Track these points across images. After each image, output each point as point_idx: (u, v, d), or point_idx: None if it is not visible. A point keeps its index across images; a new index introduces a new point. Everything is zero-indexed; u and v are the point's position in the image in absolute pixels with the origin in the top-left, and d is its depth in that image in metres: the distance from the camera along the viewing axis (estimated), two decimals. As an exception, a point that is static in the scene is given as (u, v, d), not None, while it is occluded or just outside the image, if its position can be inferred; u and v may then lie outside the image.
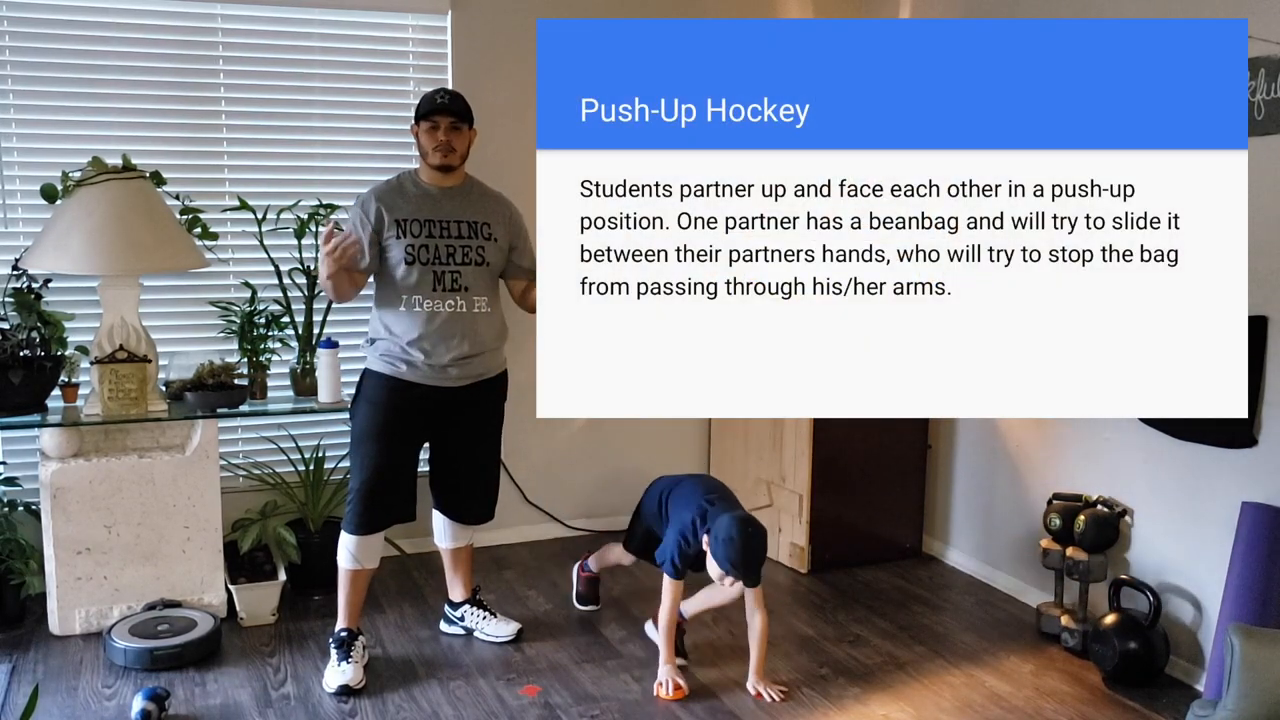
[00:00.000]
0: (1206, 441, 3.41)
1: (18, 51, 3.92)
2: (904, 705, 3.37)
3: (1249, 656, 2.60)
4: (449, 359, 3.42)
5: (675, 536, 3.45)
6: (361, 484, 3.45)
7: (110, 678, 3.44)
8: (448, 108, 3.41)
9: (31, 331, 3.61)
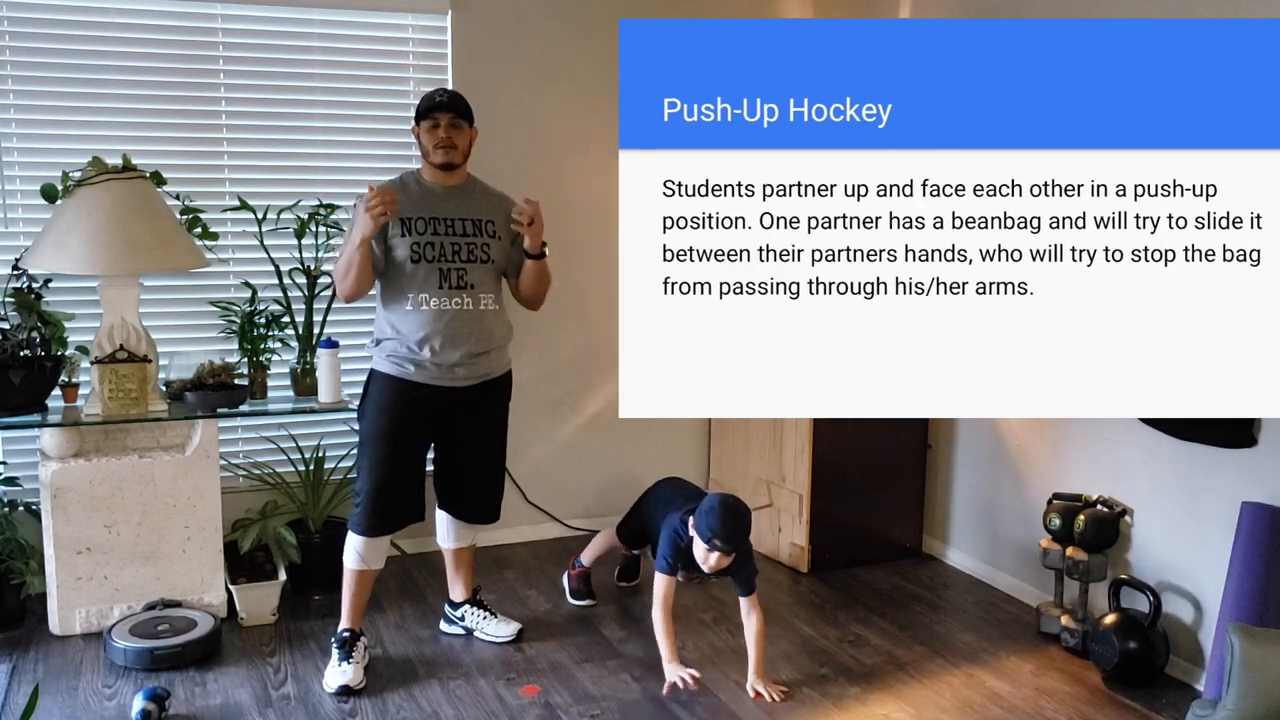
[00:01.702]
0: (1206, 441, 3.41)
1: (18, 51, 3.92)
2: (904, 705, 3.37)
3: (1249, 656, 2.60)
4: (457, 357, 3.42)
5: (668, 531, 3.49)
6: (371, 486, 3.45)
7: (110, 678, 3.44)
8: (448, 105, 3.41)
9: (31, 331, 3.61)
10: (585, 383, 4.80)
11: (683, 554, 3.45)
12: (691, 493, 3.71)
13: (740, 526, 3.34)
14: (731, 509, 3.33)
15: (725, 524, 3.30)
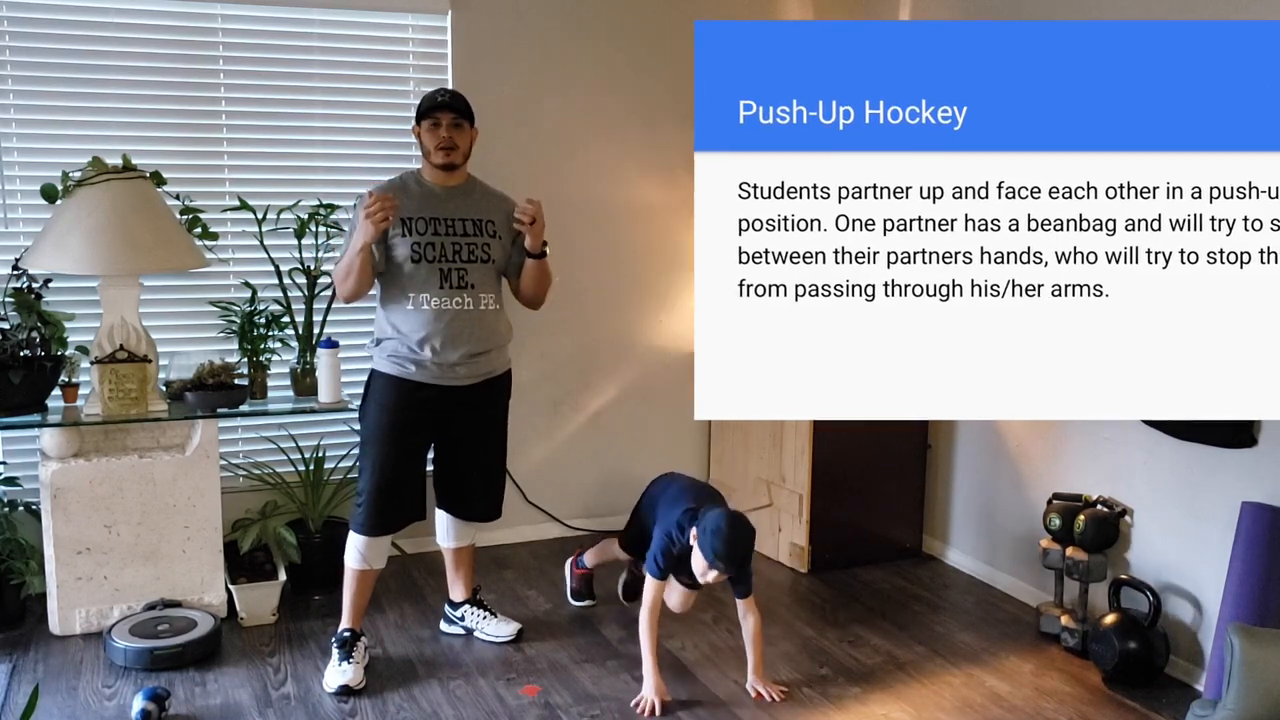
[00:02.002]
0: (1206, 441, 3.41)
1: (18, 51, 3.92)
2: (904, 705, 3.37)
3: (1249, 656, 2.60)
4: (457, 357, 3.42)
5: (662, 535, 3.42)
6: (374, 486, 3.45)
7: (110, 678, 3.44)
8: (449, 105, 3.41)
9: (31, 331, 3.61)
10: (585, 383, 4.80)
11: (677, 559, 3.39)
12: (693, 491, 3.59)
13: (745, 550, 3.27)
14: (738, 531, 3.23)
15: (730, 547, 3.21)
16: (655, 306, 4.87)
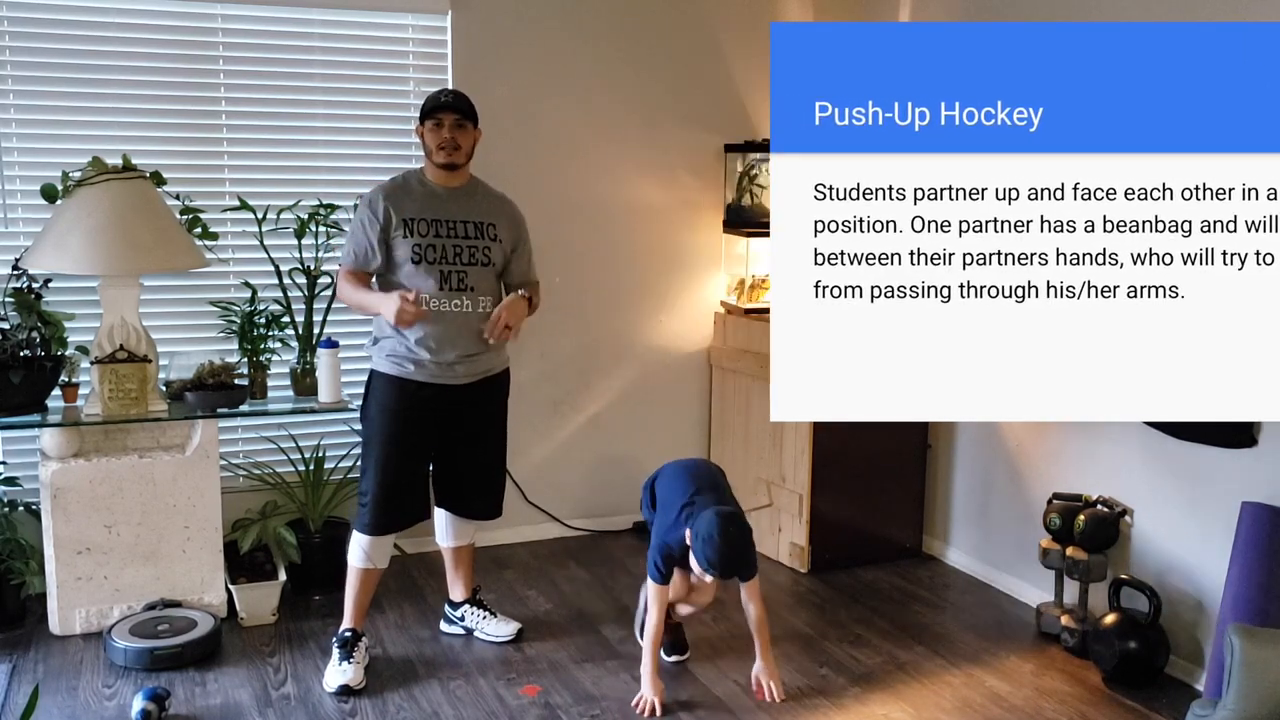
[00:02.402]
0: (1206, 441, 3.41)
1: (18, 51, 3.92)
2: (904, 705, 3.37)
3: (1249, 656, 2.60)
4: (454, 356, 3.43)
5: (659, 538, 3.37)
6: (378, 486, 3.45)
7: (110, 677, 3.44)
8: (452, 106, 3.41)
9: (31, 331, 3.61)
10: (585, 383, 4.80)
11: (675, 560, 3.34)
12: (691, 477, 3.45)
13: (740, 557, 3.21)
14: (730, 538, 3.14)
15: (724, 556, 3.14)
16: (655, 306, 4.87)
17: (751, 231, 4.67)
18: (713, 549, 3.13)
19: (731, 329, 4.80)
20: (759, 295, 4.70)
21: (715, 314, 4.92)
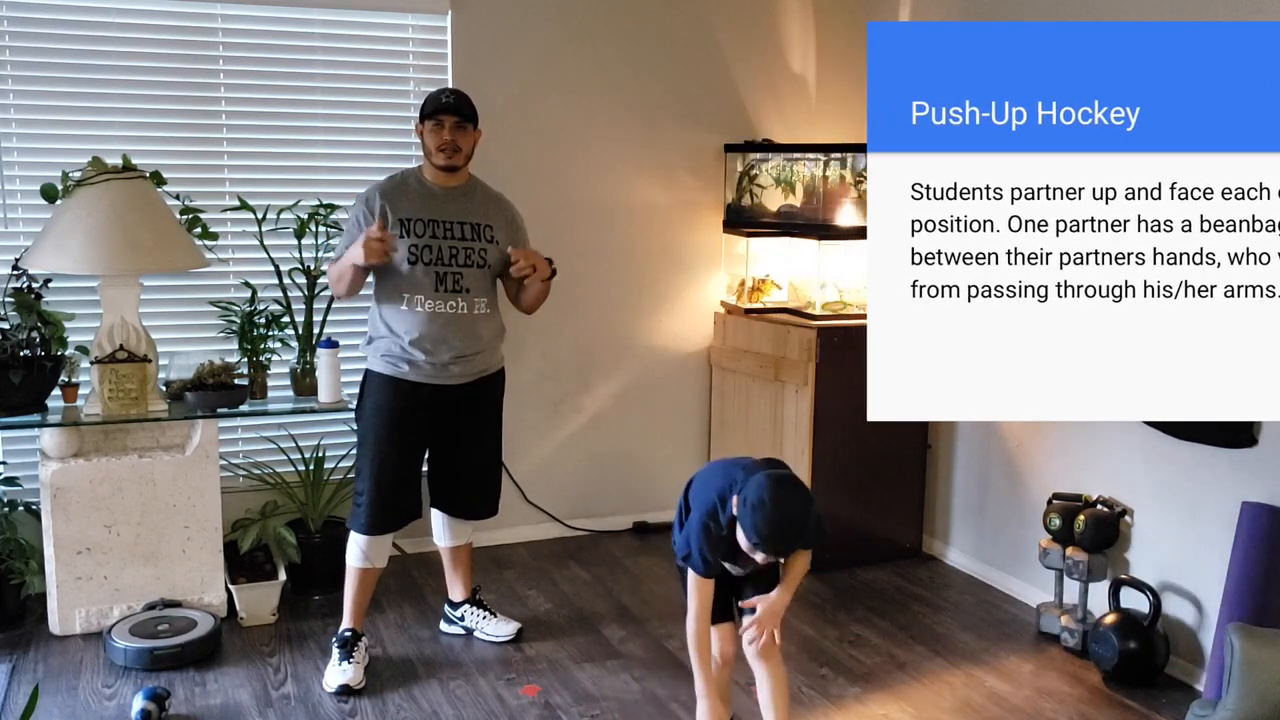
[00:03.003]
0: (1206, 441, 3.41)
1: (18, 51, 3.92)
2: (904, 705, 3.37)
3: (1249, 656, 2.60)
4: (449, 357, 3.43)
5: (701, 518, 2.78)
6: (374, 486, 3.45)
7: (110, 677, 3.44)
8: (453, 107, 3.41)
9: (31, 331, 3.61)
10: (585, 383, 4.80)
11: (724, 544, 2.75)
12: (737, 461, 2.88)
13: (795, 528, 2.67)
14: (785, 503, 2.62)
15: (776, 526, 2.60)
16: (655, 306, 4.87)
17: (751, 231, 4.67)
18: (762, 517, 2.59)
19: (731, 329, 4.80)
20: (759, 297, 4.69)
21: (715, 314, 4.92)
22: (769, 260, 4.73)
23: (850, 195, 4.46)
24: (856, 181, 4.46)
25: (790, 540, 2.69)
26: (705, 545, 2.77)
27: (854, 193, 4.46)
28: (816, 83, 4.98)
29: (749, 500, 2.62)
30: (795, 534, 2.69)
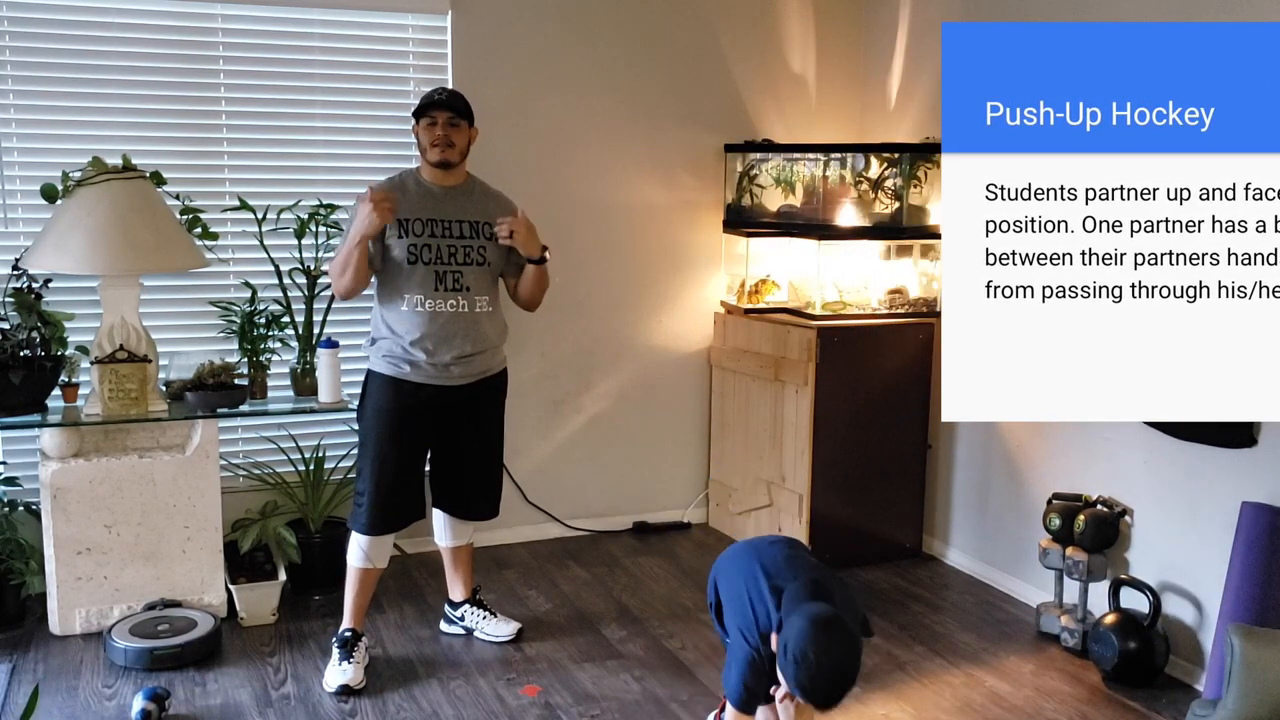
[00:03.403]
0: (1206, 441, 3.41)
1: (18, 51, 3.92)
2: (904, 705, 3.37)
3: (1249, 656, 2.60)
4: (450, 357, 3.43)
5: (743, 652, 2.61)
6: (375, 486, 3.45)
7: (110, 678, 3.44)
8: (445, 103, 3.41)
9: (31, 331, 3.61)
10: (585, 383, 4.80)
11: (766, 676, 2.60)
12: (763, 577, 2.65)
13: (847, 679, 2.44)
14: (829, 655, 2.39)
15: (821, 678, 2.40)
16: (655, 306, 4.87)
17: (751, 231, 4.67)
18: (806, 674, 2.39)
19: (731, 329, 4.80)
20: (758, 299, 4.69)
21: (715, 314, 4.92)
22: (769, 260, 4.73)
23: (850, 195, 4.46)
24: (856, 181, 4.46)
25: (841, 693, 2.45)
26: (751, 677, 2.60)
27: (854, 193, 4.46)
28: (816, 83, 4.98)
29: (793, 652, 2.40)
30: (846, 686, 2.45)
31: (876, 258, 4.53)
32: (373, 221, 3.26)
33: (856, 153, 4.51)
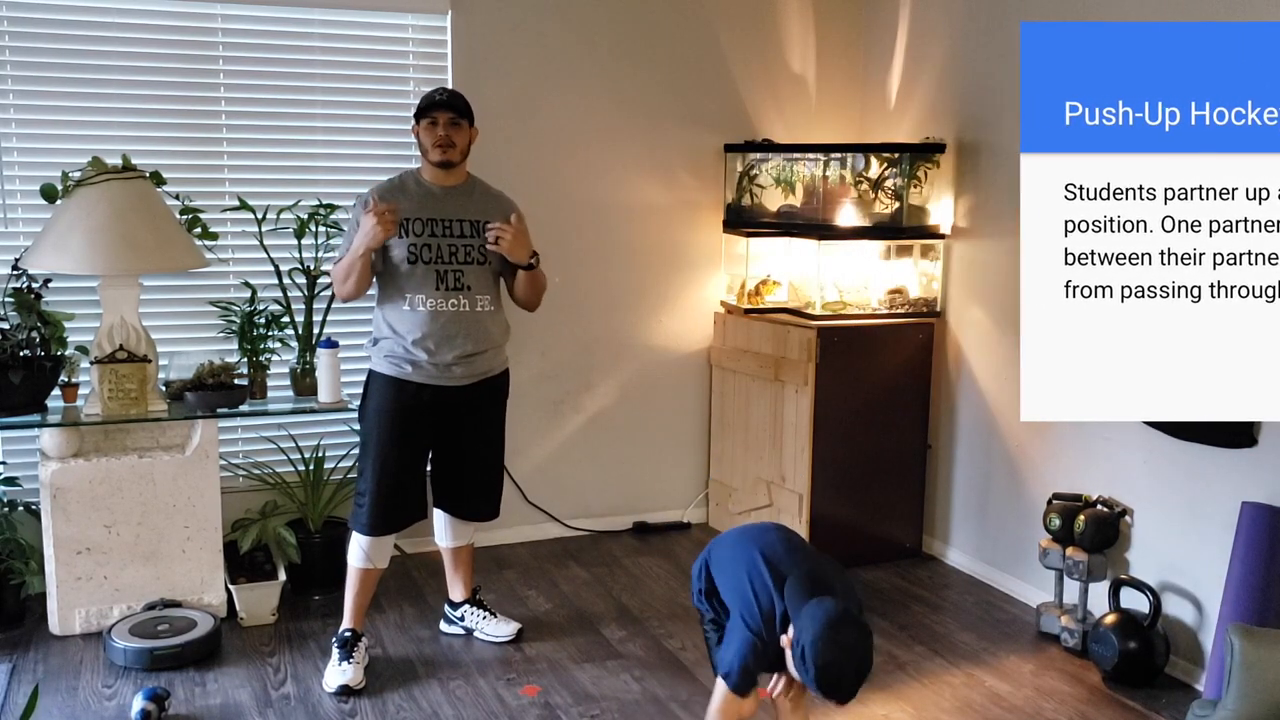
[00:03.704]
0: (1206, 441, 3.41)
1: (18, 51, 3.92)
2: (904, 705, 3.37)
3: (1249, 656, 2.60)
4: (452, 357, 3.43)
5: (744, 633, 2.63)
6: (375, 487, 3.46)
7: (110, 678, 3.44)
8: (446, 104, 3.42)
9: (31, 331, 3.61)
10: (585, 383, 4.80)
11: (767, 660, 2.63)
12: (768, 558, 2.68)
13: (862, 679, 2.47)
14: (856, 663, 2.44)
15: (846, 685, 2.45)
16: (655, 306, 4.87)
17: (751, 231, 4.67)
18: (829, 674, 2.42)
19: (731, 329, 4.80)
20: (758, 300, 4.69)
21: (715, 314, 4.92)
22: (769, 260, 4.73)
23: (850, 195, 4.46)
24: (856, 181, 4.46)
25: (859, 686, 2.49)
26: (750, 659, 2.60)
27: (854, 193, 4.46)
28: (816, 83, 4.98)
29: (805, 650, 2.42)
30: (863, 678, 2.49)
31: (876, 258, 4.53)
32: (375, 235, 3.28)
33: (856, 153, 4.52)
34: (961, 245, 4.47)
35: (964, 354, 4.46)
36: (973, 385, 4.42)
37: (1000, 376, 4.28)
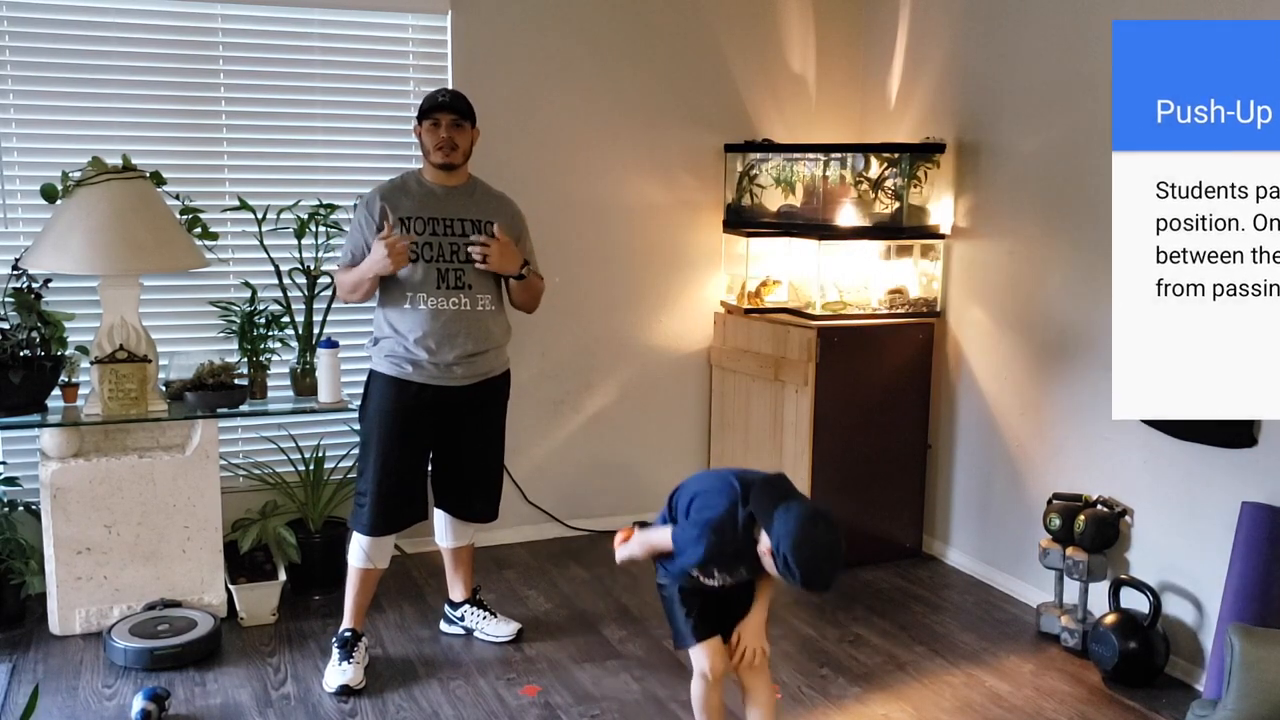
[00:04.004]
0: (1206, 441, 3.41)
1: (18, 51, 3.92)
2: (904, 705, 3.37)
3: (1249, 656, 2.60)
4: (453, 357, 3.43)
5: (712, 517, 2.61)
6: (376, 487, 3.46)
7: (110, 678, 3.44)
8: (449, 105, 3.42)
9: (31, 331, 3.61)
10: (585, 383, 4.80)
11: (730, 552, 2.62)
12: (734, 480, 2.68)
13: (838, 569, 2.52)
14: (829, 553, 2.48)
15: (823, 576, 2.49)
16: (655, 306, 4.87)
17: (751, 231, 4.67)
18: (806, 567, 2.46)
19: (731, 329, 4.80)
20: (758, 300, 4.69)
21: (715, 314, 4.92)
22: (769, 260, 4.73)
23: (850, 195, 4.46)
24: (856, 181, 4.46)
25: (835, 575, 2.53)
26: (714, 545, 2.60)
27: (854, 193, 4.46)
28: (816, 83, 4.98)
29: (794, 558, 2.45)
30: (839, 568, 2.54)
31: (876, 258, 4.53)
32: (385, 266, 3.32)
33: (856, 153, 4.52)
34: (961, 245, 4.47)
35: (964, 354, 4.46)
36: (973, 385, 4.42)
37: (1000, 376, 4.28)
